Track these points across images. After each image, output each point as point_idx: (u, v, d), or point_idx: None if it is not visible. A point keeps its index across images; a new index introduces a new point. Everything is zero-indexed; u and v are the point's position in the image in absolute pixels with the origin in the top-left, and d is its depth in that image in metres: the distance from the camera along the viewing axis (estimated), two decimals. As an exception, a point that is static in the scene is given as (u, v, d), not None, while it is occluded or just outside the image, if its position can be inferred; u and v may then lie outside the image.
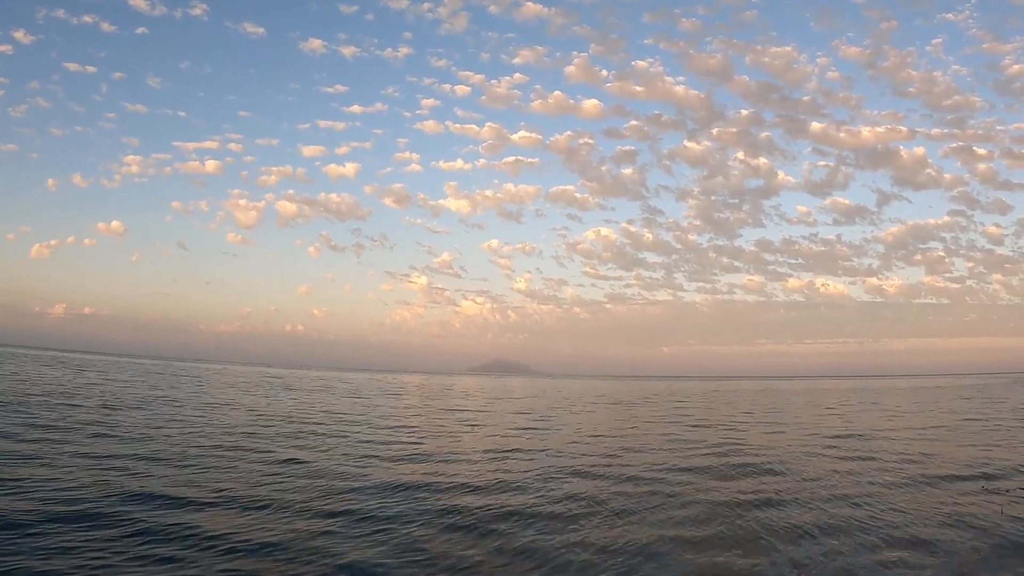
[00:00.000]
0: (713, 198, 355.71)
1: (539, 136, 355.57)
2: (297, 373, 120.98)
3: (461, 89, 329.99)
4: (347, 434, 22.25)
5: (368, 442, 20.30)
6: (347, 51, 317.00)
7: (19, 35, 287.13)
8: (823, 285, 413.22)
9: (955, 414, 36.24)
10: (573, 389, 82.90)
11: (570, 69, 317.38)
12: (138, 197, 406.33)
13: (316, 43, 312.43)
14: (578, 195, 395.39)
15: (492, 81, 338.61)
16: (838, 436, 24.71)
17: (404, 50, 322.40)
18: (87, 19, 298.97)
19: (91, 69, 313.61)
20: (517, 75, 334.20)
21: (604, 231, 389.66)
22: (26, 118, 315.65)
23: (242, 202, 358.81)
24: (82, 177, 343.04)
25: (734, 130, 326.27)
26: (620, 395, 65.97)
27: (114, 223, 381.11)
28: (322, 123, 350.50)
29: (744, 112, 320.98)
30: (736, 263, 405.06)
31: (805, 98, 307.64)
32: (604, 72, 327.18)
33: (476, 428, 26.99)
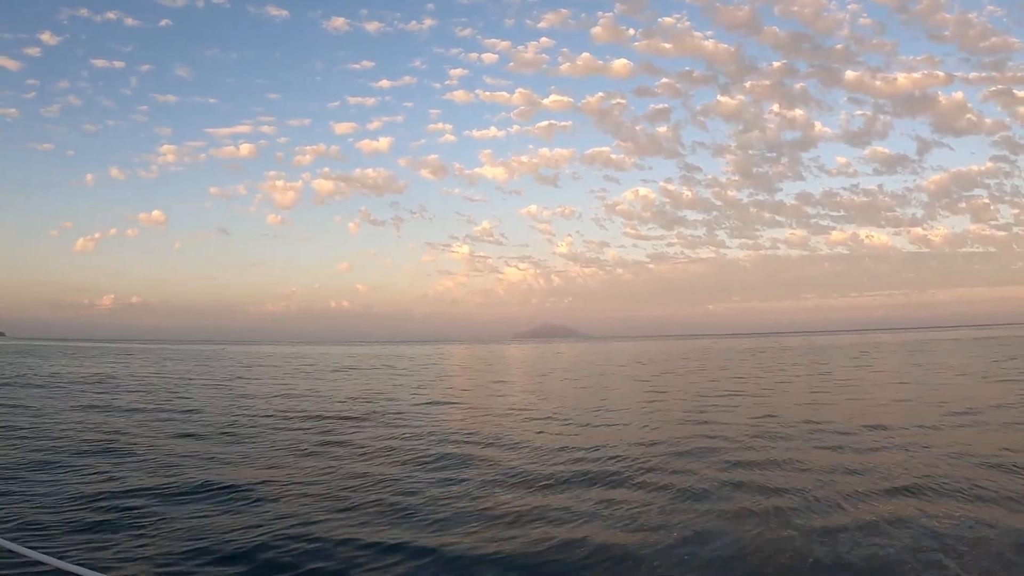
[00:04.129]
0: (751, 152, 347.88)
1: (570, 99, 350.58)
2: (355, 351, 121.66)
3: (488, 57, 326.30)
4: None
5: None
6: (371, 27, 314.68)
7: (45, 37, 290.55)
8: (867, 237, 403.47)
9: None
10: (662, 355, 78.95)
11: (596, 30, 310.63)
12: (176, 185, 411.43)
13: (339, 21, 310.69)
14: (614, 156, 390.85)
15: (519, 47, 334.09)
16: None
17: (428, 21, 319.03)
18: (110, 15, 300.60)
19: (119, 64, 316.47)
20: (543, 39, 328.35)
21: (643, 191, 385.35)
22: (59, 117, 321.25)
23: (279, 183, 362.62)
24: (119, 170, 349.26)
25: (767, 82, 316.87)
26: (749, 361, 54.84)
27: (155, 212, 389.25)
28: (352, 100, 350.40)
29: (776, 64, 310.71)
30: (778, 217, 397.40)
31: (838, 46, 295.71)
32: (631, 31, 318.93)
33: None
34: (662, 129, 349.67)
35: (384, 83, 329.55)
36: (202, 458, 13.28)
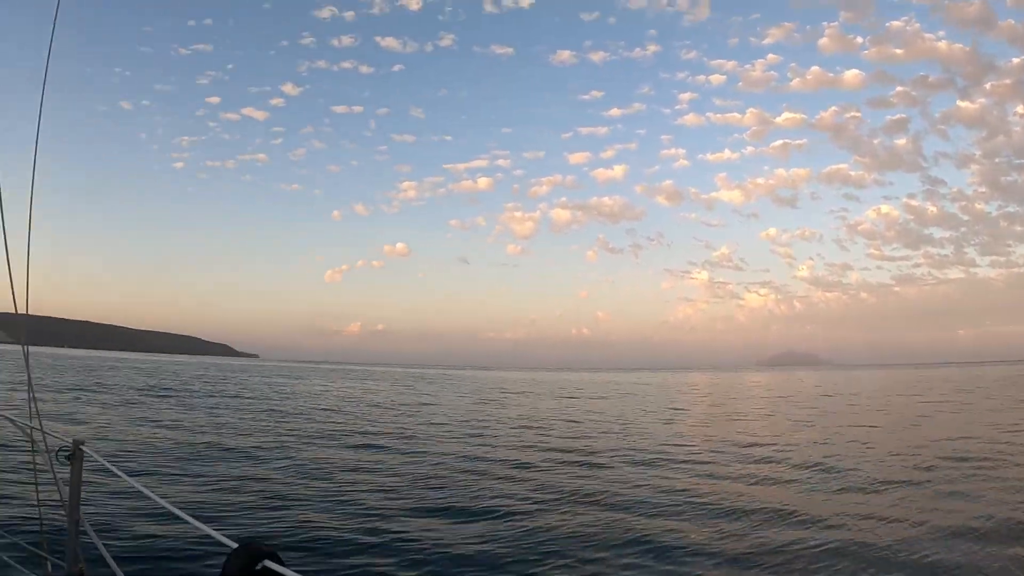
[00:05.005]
0: (997, 160, 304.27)
1: (803, 115, 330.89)
2: (613, 377, 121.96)
3: (716, 78, 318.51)
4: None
5: None
6: (596, 57, 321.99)
7: (287, 88, 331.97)
8: None
9: None
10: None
11: (823, 41, 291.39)
12: (417, 219, 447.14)
13: (565, 54, 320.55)
14: (852, 173, 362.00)
15: (745, 66, 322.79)
16: None
17: (652, 47, 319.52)
18: (346, 65, 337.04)
19: (357, 109, 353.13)
20: (770, 56, 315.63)
21: (884, 208, 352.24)
22: (305, 160, 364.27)
23: (517, 214, 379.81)
24: (364, 206, 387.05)
25: (1008, 81, 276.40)
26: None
27: (399, 245, 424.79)
28: (583, 130, 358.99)
29: (1016, 60, 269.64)
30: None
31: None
32: (859, 39, 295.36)
33: None
34: (901, 141, 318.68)
35: (615, 111, 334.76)
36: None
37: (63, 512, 3.04)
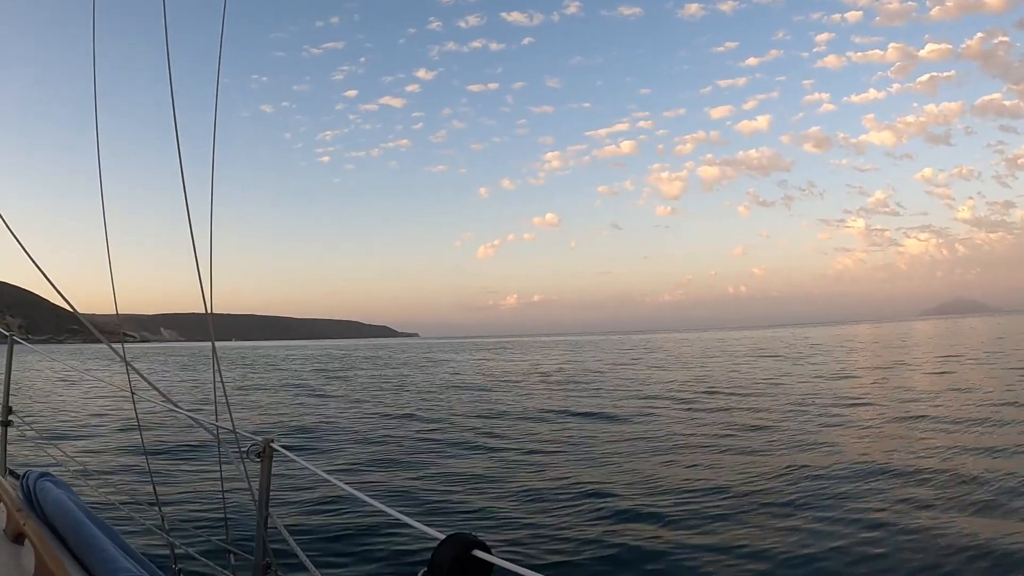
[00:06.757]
0: None
1: (948, 46, 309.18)
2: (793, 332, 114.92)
3: (852, 15, 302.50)
4: None
5: None
6: (725, 7, 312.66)
7: (421, 73, 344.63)
8: None
9: None
10: None
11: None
12: (565, 188, 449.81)
13: (693, 7, 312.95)
14: (1007, 102, 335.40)
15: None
16: None
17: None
18: (476, 44, 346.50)
19: (493, 86, 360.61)
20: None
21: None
22: (447, 141, 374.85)
23: (664, 175, 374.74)
24: (510, 180, 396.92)
25: None
26: None
27: (548, 216, 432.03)
28: (722, 83, 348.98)
29: None
30: None
31: None
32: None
33: None
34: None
35: (751, 61, 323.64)
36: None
37: (252, 508, 2.92)
